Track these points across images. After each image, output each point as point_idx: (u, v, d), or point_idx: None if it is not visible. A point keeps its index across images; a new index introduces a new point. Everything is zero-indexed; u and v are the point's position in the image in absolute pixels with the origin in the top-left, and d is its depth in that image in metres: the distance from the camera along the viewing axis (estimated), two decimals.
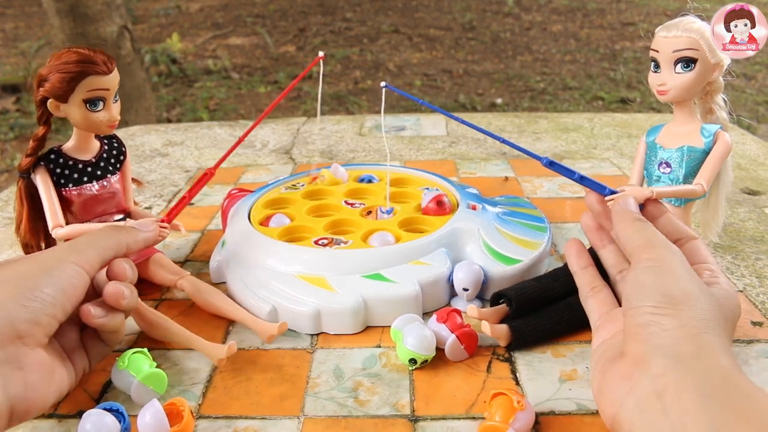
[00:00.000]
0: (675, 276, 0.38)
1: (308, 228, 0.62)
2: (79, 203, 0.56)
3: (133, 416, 0.42)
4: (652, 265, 0.39)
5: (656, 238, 0.41)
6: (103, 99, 0.53)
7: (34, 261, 0.42)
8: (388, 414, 0.43)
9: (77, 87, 0.52)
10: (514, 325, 0.49)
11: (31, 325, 0.39)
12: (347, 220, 0.63)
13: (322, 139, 1.06)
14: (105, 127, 0.55)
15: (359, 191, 0.70)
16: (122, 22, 2.46)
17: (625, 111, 3.05)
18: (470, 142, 1.01)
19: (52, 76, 0.51)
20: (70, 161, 0.56)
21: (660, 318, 0.36)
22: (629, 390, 0.34)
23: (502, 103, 3.34)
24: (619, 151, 0.96)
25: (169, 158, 0.99)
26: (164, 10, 5.48)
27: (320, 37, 4.61)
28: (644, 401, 0.33)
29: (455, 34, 4.65)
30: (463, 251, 0.58)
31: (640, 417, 0.33)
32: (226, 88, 3.68)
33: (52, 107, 0.53)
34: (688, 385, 0.32)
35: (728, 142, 0.52)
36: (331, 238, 0.59)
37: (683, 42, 0.51)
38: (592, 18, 4.95)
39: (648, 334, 0.35)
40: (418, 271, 0.54)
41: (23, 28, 5.22)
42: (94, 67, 0.52)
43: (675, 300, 0.36)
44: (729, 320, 0.38)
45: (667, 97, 0.53)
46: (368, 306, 0.52)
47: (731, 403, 0.31)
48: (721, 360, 0.34)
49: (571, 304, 0.50)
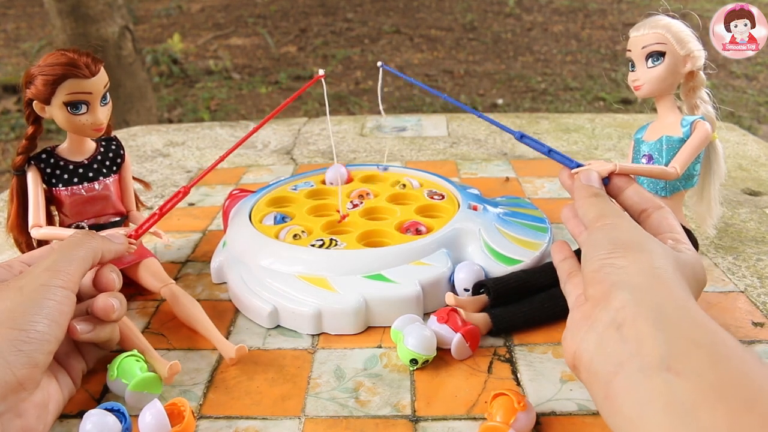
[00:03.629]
0: (624, 230, 0.40)
1: (307, 228, 0.61)
2: (68, 204, 0.57)
3: (134, 416, 0.42)
4: (601, 225, 0.41)
5: (608, 208, 0.42)
6: (86, 102, 0.53)
7: (18, 293, 0.41)
8: (389, 414, 0.43)
9: (57, 90, 0.52)
10: (494, 313, 0.51)
11: (29, 369, 0.38)
12: (347, 222, 0.63)
13: (323, 139, 1.06)
14: (90, 131, 0.55)
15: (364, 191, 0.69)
16: (124, 23, 2.46)
17: (627, 111, 3.05)
18: (471, 142, 1.01)
19: (36, 78, 0.52)
20: (61, 162, 0.56)
21: (613, 260, 0.37)
22: (589, 327, 0.35)
23: (503, 103, 3.34)
24: (620, 151, 0.96)
25: (170, 159, 0.99)
26: (165, 10, 5.48)
27: (321, 38, 4.61)
28: (603, 334, 0.34)
29: (456, 34, 4.65)
30: (464, 252, 0.58)
31: (598, 348, 0.34)
32: (227, 89, 3.68)
33: (38, 108, 0.54)
34: (644, 313, 0.33)
35: (707, 129, 0.53)
36: (329, 240, 0.59)
37: (651, 38, 0.53)
38: (593, 18, 4.95)
39: (604, 275, 0.37)
40: (419, 271, 0.54)
41: (25, 29, 5.22)
42: (75, 71, 0.51)
43: (626, 245, 0.38)
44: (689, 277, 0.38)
45: (642, 92, 0.55)
46: (369, 306, 0.52)
47: (685, 331, 0.32)
48: (675, 290, 0.35)
49: (554, 294, 0.52)
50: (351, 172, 0.74)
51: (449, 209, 0.63)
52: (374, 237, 0.60)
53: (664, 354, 0.31)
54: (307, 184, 0.71)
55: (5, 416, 0.37)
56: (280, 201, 0.68)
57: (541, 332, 0.52)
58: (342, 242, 0.58)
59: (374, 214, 0.65)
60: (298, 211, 0.64)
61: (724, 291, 0.57)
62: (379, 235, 0.60)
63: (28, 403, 0.39)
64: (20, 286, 0.41)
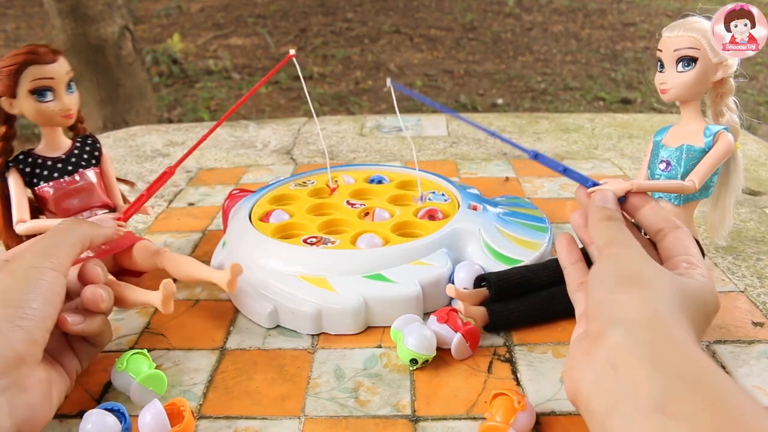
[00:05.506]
0: (631, 262, 0.39)
1: (303, 225, 0.61)
2: (53, 199, 0.57)
3: (134, 416, 0.42)
4: (608, 254, 0.40)
5: (619, 237, 0.41)
6: (50, 88, 0.54)
7: (10, 275, 0.42)
8: (389, 414, 0.43)
9: (21, 78, 0.52)
10: (492, 308, 0.51)
11: (29, 345, 0.39)
12: (342, 220, 0.63)
13: (323, 139, 1.05)
14: (59, 118, 0.55)
15: (364, 192, 0.69)
16: (123, 23, 2.46)
17: (626, 111, 3.06)
18: (471, 142, 1.01)
19: (0, 75, 0.52)
20: (39, 159, 0.57)
21: (614, 296, 0.37)
22: (588, 364, 0.35)
23: (503, 103, 3.34)
24: (620, 151, 0.96)
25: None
26: (165, 10, 5.48)
27: (321, 38, 4.61)
28: (600, 372, 0.34)
29: (456, 34, 4.65)
30: (464, 251, 0.58)
31: (595, 387, 0.34)
32: (227, 89, 3.68)
33: (6, 105, 0.54)
34: (637, 353, 0.33)
35: (730, 142, 0.52)
36: (320, 237, 0.59)
37: (684, 41, 0.51)
38: (593, 18, 4.95)
39: (604, 311, 0.36)
40: (418, 271, 0.54)
41: (24, 29, 5.22)
42: (35, 57, 0.52)
43: (630, 281, 0.37)
44: (693, 306, 0.38)
45: (668, 96, 0.53)
46: (369, 306, 0.52)
47: (680, 372, 0.31)
48: (672, 330, 0.34)
49: (555, 293, 0.51)
50: None
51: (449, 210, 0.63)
52: (407, 228, 0.61)
53: (658, 396, 0.30)
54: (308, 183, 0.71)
55: (9, 391, 0.37)
56: (280, 199, 0.68)
57: (542, 332, 0.52)
58: (336, 239, 0.58)
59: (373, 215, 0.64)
60: (298, 209, 0.64)
61: (724, 291, 0.57)
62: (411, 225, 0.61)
63: (33, 378, 0.39)
64: (11, 269, 0.42)
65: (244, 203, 0.66)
